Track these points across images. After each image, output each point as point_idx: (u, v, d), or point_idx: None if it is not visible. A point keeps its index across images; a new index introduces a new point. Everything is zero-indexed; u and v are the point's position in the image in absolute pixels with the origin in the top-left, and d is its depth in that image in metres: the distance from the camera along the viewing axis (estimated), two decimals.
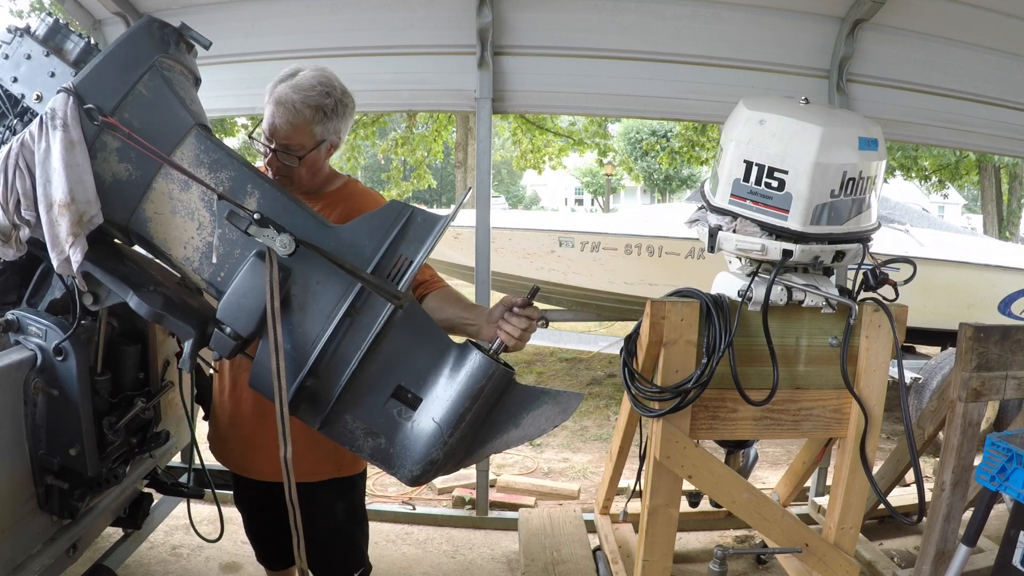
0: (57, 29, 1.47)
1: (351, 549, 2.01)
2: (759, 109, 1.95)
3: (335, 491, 1.91)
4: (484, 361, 1.40)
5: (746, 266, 2.06)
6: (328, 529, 1.94)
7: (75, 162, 1.31)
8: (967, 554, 1.96)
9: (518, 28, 3.17)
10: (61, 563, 1.78)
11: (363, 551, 2.05)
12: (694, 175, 23.88)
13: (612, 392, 6.13)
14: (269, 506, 1.89)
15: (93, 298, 1.53)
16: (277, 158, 1.73)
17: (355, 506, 2.01)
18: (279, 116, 1.70)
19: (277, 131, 1.71)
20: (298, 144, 1.73)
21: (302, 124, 1.71)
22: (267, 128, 1.73)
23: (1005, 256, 5.93)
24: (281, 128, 1.71)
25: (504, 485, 3.86)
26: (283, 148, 1.73)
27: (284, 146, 1.72)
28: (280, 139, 1.72)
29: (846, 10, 3.12)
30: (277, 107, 1.70)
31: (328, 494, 1.90)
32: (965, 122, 3.43)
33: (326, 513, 1.92)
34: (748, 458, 2.52)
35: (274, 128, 1.71)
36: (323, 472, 1.86)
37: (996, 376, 2.23)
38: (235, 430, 1.89)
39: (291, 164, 1.74)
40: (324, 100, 1.73)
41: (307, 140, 1.73)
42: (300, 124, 1.71)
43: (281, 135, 1.71)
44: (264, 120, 1.74)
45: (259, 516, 2.05)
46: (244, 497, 2.06)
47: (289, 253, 1.33)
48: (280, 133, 1.71)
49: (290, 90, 1.70)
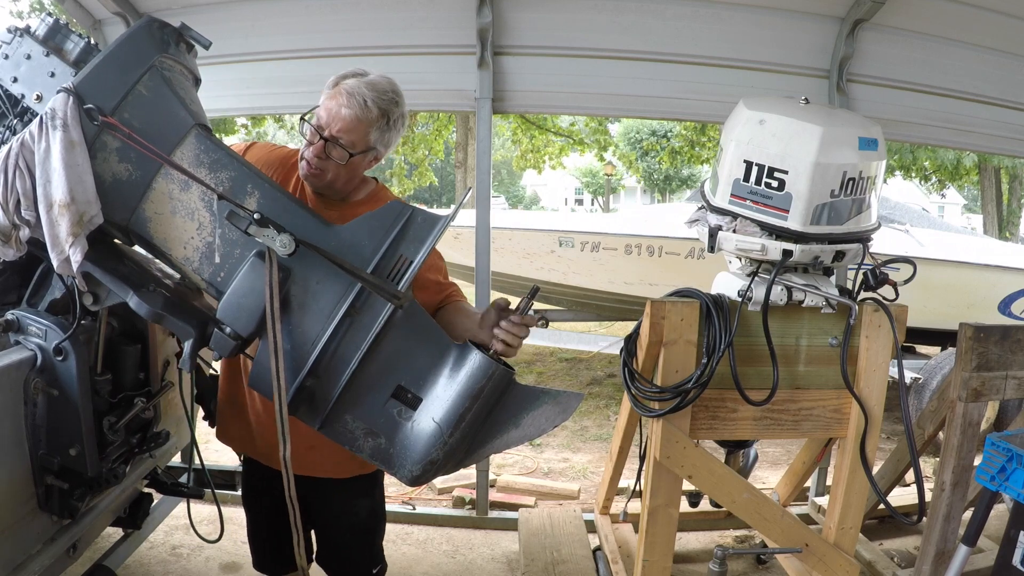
0: (57, 29, 1.47)
1: (371, 547, 2.01)
2: (759, 109, 1.95)
3: (359, 489, 1.90)
4: (484, 361, 1.40)
5: (746, 266, 2.06)
6: (351, 527, 1.94)
7: (75, 162, 1.31)
8: (967, 554, 1.96)
9: (518, 28, 3.17)
10: (61, 563, 1.79)
11: (381, 548, 2.05)
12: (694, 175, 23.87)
13: (612, 392, 6.13)
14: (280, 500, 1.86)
15: (93, 298, 1.53)
16: (325, 148, 1.65)
17: (377, 504, 2.00)
18: (347, 106, 1.62)
19: (337, 121, 1.63)
20: (350, 141, 1.65)
21: (365, 123, 1.64)
22: (325, 115, 1.64)
23: (1005, 256, 5.93)
24: (345, 119, 1.63)
25: (504, 485, 3.86)
26: (335, 140, 1.64)
27: (336, 139, 1.64)
28: (336, 131, 1.63)
29: (846, 10, 3.12)
30: (347, 98, 1.62)
31: (352, 491, 1.89)
32: (965, 122, 3.43)
33: (349, 511, 1.92)
34: (748, 458, 2.52)
35: (335, 117, 1.63)
36: (349, 469, 1.84)
37: (996, 376, 2.23)
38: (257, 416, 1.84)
39: (339, 160, 1.66)
40: (393, 108, 1.69)
41: (361, 141, 1.66)
42: (364, 121, 1.64)
43: (339, 127, 1.63)
44: (322, 108, 1.66)
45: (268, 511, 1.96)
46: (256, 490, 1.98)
47: (289, 253, 1.33)
48: (339, 125, 1.63)
49: (364, 86, 1.64)
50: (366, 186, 1.84)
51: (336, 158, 1.66)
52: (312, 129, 1.66)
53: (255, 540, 2.05)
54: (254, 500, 2.02)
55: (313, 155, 1.66)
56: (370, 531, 2.00)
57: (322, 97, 1.69)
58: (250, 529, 2.06)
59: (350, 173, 1.72)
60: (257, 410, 1.85)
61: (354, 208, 1.75)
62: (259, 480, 1.97)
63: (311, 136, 1.67)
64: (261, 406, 1.83)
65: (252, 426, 1.88)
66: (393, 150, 1.83)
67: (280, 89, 3.33)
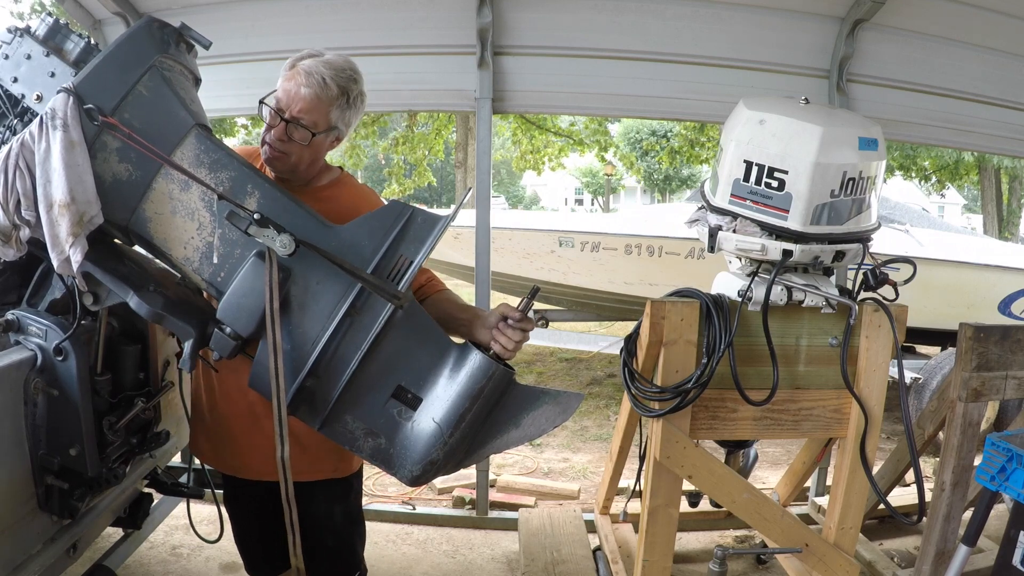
0: (57, 29, 1.47)
1: (349, 553, 1.99)
2: (759, 109, 1.95)
3: (333, 494, 1.89)
4: (484, 361, 1.40)
5: (746, 266, 2.06)
6: (326, 532, 1.92)
7: (75, 162, 1.31)
8: (967, 554, 1.96)
9: (518, 28, 3.16)
10: (61, 563, 1.79)
11: (360, 554, 2.03)
12: (694, 175, 23.88)
13: (612, 392, 6.13)
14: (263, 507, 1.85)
15: (93, 298, 1.53)
16: (286, 130, 1.63)
17: (352, 508, 1.98)
18: (306, 85, 1.61)
19: (296, 101, 1.61)
20: (312, 121, 1.63)
21: (325, 101, 1.63)
22: (284, 97, 1.63)
23: (1005, 256, 5.92)
24: (305, 99, 1.61)
25: (504, 485, 3.86)
26: (296, 121, 1.63)
27: (297, 119, 1.63)
28: (297, 111, 1.62)
29: (846, 10, 3.12)
30: (306, 77, 1.61)
31: (326, 497, 1.88)
32: (965, 122, 3.43)
33: (324, 515, 1.90)
34: (748, 458, 2.52)
35: (294, 97, 1.61)
36: (321, 471, 1.83)
37: (996, 376, 2.23)
38: (226, 431, 1.84)
39: (301, 141, 1.64)
40: (351, 85, 1.67)
41: (322, 120, 1.64)
42: (324, 100, 1.62)
43: (299, 107, 1.62)
44: (280, 90, 1.64)
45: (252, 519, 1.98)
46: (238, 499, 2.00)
47: (289, 253, 1.33)
48: (299, 105, 1.61)
49: (321, 65, 1.63)
50: (330, 172, 1.83)
51: (298, 139, 1.64)
52: (272, 111, 1.63)
53: (243, 544, 2.05)
54: (235, 507, 2.02)
55: (275, 137, 1.64)
56: (347, 537, 1.97)
57: (279, 80, 1.67)
58: (236, 533, 2.04)
59: (313, 154, 1.70)
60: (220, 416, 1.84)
61: (317, 193, 1.74)
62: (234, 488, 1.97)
63: (271, 119, 1.64)
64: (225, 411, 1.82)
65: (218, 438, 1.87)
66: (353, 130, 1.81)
67: None
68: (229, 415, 1.82)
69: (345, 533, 1.96)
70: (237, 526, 2.04)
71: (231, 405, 1.81)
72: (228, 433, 1.84)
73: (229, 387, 1.78)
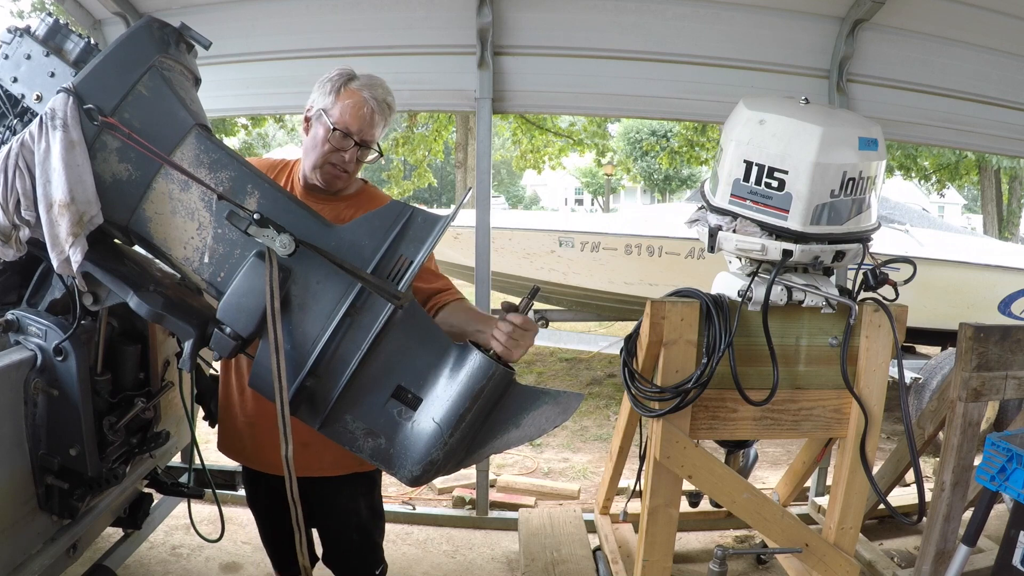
0: (57, 29, 1.47)
1: (373, 547, 2.02)
2: (759, 109, 1.95)
3: (358, 488, 1.92)
4: (484, 361, 1.40)
5: (746, 266, 2.06)
6: (352, 527, 1.95)
7: (75, 162, 1.31)
8: (967, 554, 1.96)
9: (518, 28, 3.17)
10: (61, 563, 1.78)
11: (381, 548, 2.06)
12: (694, 175, 23.87)
13: (612, 392, 6.13)
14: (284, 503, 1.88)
15: (93, 298, 1.53)
16: (356, 152, 1.75)
17: (376, 503, 2.02)
18: (378, 113, 1.73)
19: (369, 127, 1.73)
20: (373, 140, 1.77)
21: (382, 122, 1.76)
22: (354, 121, 1.72)
23: (1005, 256, 5.92)
24: (377, 125, 1.74)
25: (504, 485, 3.86)
26: (367, 145, 1.75)
27: (368, 143, 1.76)
28: (364, 136, 1.74)
29: (846, 10, 3.12)
30: (376, 104, 1.73)
31: (351, 491, 1.91)
32: (965, 122, 3.43)
33: (350, 511, 1.93)
34: (748, 458, 2.52)
35: (366, 122, 1.72)
36: (347, 466, 1.85)
37: (996, 376, 2.23)
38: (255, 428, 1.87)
39: (365, 161, 1.79)
40: (393, 104, 1.80)
41: (377, 138, 1.78)
42: (382, 121, 1.76)
43: (367, 132, 1.74)
44: (346, 114, 1.72)
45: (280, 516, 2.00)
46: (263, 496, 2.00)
47: (289, 253, 1.33)
48: (372, 130, 1.74)
49: (379, 90, 1.74)
50: (356, 180, 1.91)
51: (366, 160, 1.79)
52: (339, 135, 1.72)
53: (268, 543, 2.08)
54: (257, 504, 2.04)
55: (348, 160, 1.75)
56: (371, 530, 2.01)
57: (323, 100, 1.73)
58: (261, 532, 2.08)
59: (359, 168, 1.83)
60: (248, 413, 1.87)
61: (345, 202, 1.83)
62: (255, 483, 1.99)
63: (341, 143, 1.72)
64: (252, 409, 1.85)
65: (242, 431, 1.90)
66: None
67: (280, 89, 3.33)
68: (256, 413, 1.84)
69: (369, 528, 1.99)
70: (264, 525, 2.07)
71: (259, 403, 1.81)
72: (256, 431, 1.86)
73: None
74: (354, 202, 1.84)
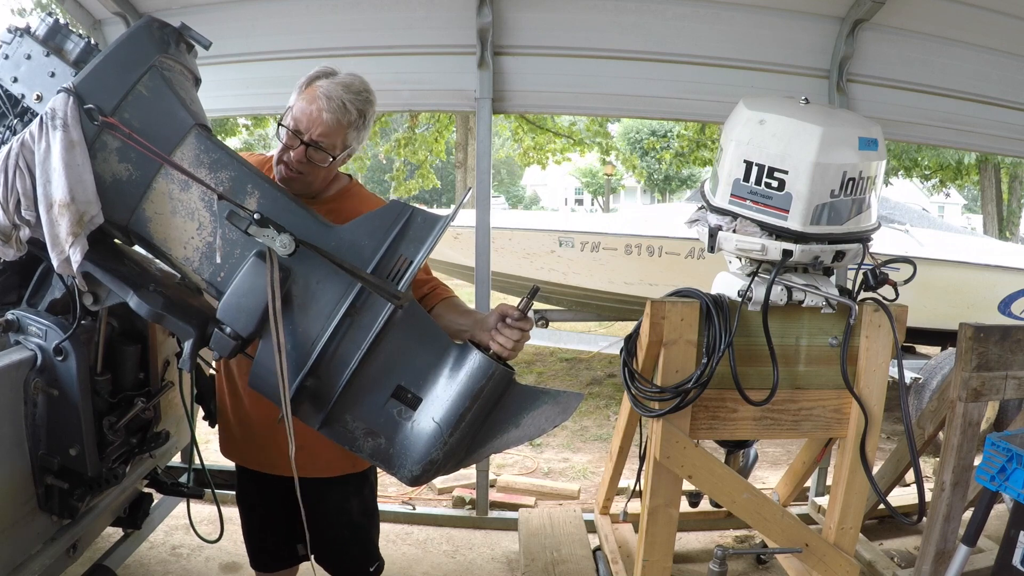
0: (57, 29, 1.47)
1: (366, 544, 2.02)
2: (759, 109, 1.95)
3: (350, 487, 1.92)
4: (484, 361, 1.40)
5: (746, 266, 2.06)
6: (343, 525, 1.95)
7: (75, 162, 1.31)
8: (967, 554, 1.96)
9: (518, 28, 3.17)
10: (61, 563, 1.78)
11: (376, 546, 2.06)
12: (694, 175, 23.86)
13: (612, 392, 6.13)
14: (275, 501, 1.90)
15: (93, 298, 1.53)
16: (306, 153, 1.66)
17: (368, 501, 2.02)
18: (327, 110, 1.64)
19: (317, 125, 1.64)
20: (331, 144, 1.67)
21: (344, 125, 1.67)
22: (304, 119, 1.65)
23: (1005, 256, 5.92)
24: (326, 123, 1.64)
25: (504, 485, 3.86)
26: (315, 144, 1.66)
27: (317, 143, 1.66)
28: (317, 135, 1.65)
29: (846, 10, 3.12)
30: (326, 101, 1.64)
31: (343, 490, 1.91)
32: (965, 122, 3.43)
33: (341, 509, 1.93)
34: (748, 458, 2.52)
35: (315, 122, 1.64)
36: (339, 467, 1.86)
37: (996, 376, 2.23)
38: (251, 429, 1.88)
39: (320, 163, 1.68)
40: (366, 107, 1.70)
41: (340, 143, 1.69)
42: (343, 124, 1.66)
43: (320, 131, 1.65)
44: (298, 111, 1.66)
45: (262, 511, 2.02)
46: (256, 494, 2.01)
47: (289, 253, 1.33)
48: (319, 129, 1.65)
49: (340, 88, 1.66)
50: (338, 182, 1.87)
51: (317, 161, 1.68)
52: (289, 133, 1.67)
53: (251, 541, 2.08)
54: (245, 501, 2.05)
55: (295, 159, 1.67)
56: (363, 529, 2.01)
57: (293, 97, 1.70)
58: (245, 529, 2.08)
59: (328, 173, 1.75)
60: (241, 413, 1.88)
61: (326, 204, 1.78)
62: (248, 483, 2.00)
63: (289, 140, 1.67)
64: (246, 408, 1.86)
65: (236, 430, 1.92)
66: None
67: (280, 89, 3.28)
68: (254, 414, 1.85)
69: (362, 525, 2.00)
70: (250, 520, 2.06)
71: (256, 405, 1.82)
72: (253, 431, 1.88)
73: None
74: (336, 203, 1.79)
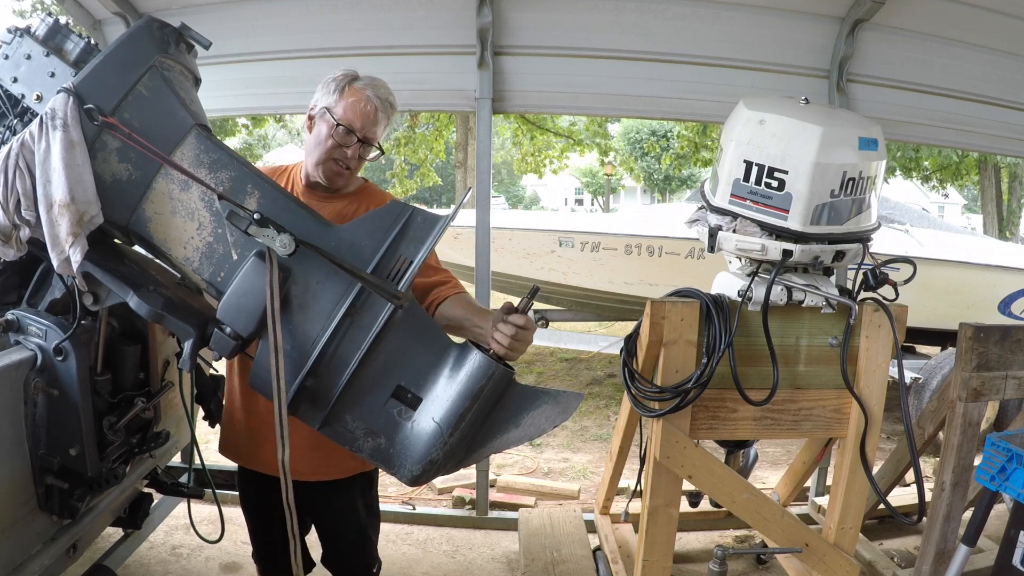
0: (57, 29, 1.47)
1: (370, 545, 2.03)
2: (759, 109, 1.95)
3: (358, 487, 1.93)
4: (484, 361, 1.40)
5: (746, 266, 2.06)
6: (351, 527, 1.95)
7: (75, 162, 1.31)
8: (967, 554, 1.96)
9: (518, 28, 3.17)
10: (61, 563, 1.78)
11: (376, 546, 2.07)
12: (694, 175, 23.85)
13: (612, 392, 6.13)
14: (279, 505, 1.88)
15: (93, 298, 1.53)
16: (358, 149, 1.77)
17: (373, 501, 2.03)
18: (380, 109, 1.76)
19: (371, 123, 1.76)
20: (375, 138, 1.79)
21: (384, 120, 1.79)
22: (357, 118, 1.74)
23: (1005, 256, 5.92)
24: (379, 122, 1.77)
25: (504, 485, 3.86)
26: (369, 141, 1.78)
27: (371, 140, 1.78)
28: (366, 133, 1.76)
29: (846, 10, 3.12)
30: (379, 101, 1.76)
31: (351, 492, 1.91)
32: (965, 122, 3.43)
33: (350, 509, 1.93)
34: (748, 458, 2.52)
35: (368, 119, 1.75)
36: (351, 468, 1.86)
37: (996, 376, 2.23)
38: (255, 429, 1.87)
39: (367, 157, 1.81)
40: (395, 104, 1.83)
41: (379, 136, 1.81)
42: (384, 119, 1.79)
43: (369, 129, 1.76)
44: (349, 111, 1.74)
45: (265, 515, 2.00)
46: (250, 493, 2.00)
47: (289, 253, 1.33)
48: (374, 128, 1.77)
49: (381, 89, 1.78)
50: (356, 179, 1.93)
51: (366, 156, 1.81)
52: (344, 131, 1.74)
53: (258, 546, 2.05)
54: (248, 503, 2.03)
55: (351, 156, 1.77)
56: (368, 528, 2.02)
57: (331, 99, 1.76)
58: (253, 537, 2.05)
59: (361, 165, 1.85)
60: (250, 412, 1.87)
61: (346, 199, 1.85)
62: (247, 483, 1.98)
63: (343, 139, 1.74)
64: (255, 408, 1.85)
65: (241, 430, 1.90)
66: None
67: (280, 89, 3.33)
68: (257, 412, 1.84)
69: (366, 526, 2.00)
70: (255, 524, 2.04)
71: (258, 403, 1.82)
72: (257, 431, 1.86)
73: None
74: (355, 199, 1.86)
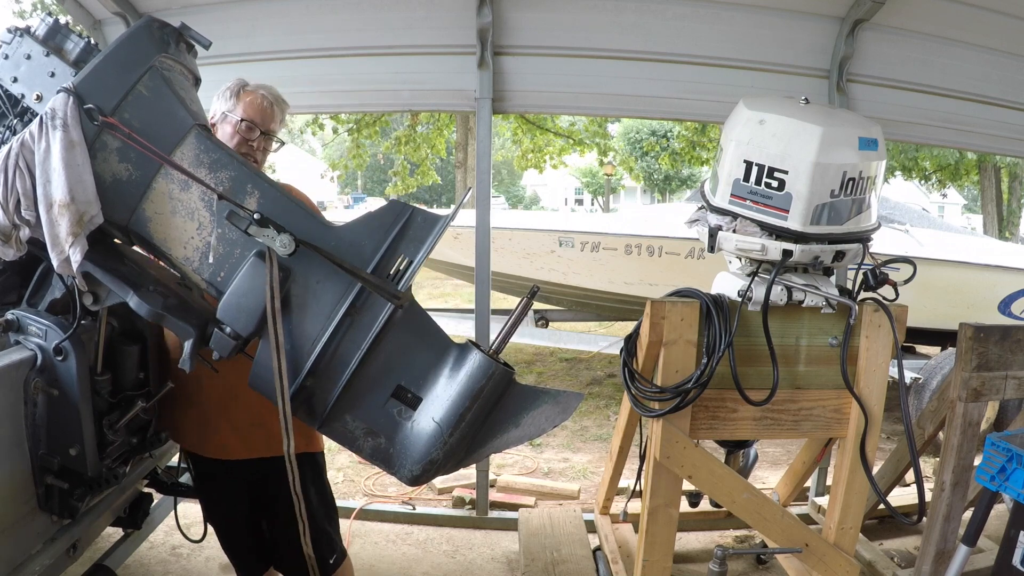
0: (57, 29, 1.47)
1: (321, 533, 2.03)
2: (759, 109, 1.95)
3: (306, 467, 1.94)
4: (484, 361, 1.40)
5: (746, 266, 2.06)
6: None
7: (75, 162, 1.31)
8: (967, 554, 1.96)
9: (518, 28, 3.17)
10: (61, 563, 1.78)
11: (335, 537, 2.09)
12: (694, 175, 23.87)
13: (612, 392, 6.13)
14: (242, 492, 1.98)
15: (93, 298, 1.52)
16: (262, 142, 1.95)
17: (325, 489, 2.08)
18: (276, 104, 1.98)
19: (269, 117, 1.96)
20: (275, 131, 1.99)
21: (279, 114, 2.00)
22: (257, 115, 1.94)
23: (1005, 256, 5.92)
24: (275, 115, 1.97)
25: (504, 485, 3.86)
26: (272, 134, 1.97)
27: (273, 132, 1.97)
28: (267, 125, 1.96)
29: (846, 10, 3.12)
30: (273, 98, 1.97)
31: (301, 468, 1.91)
32: (965, 122, 3.43)
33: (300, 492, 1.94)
34: (748, 458, 2.52)
35: (268, 115, 1.95)
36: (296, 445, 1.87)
37: (996, 376, 2.23)
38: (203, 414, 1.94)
39: (272, 150, 2.00)
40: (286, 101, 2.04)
41: (277, 130, 2.01)
42: (280, 114, 2.00)
43: (269, 122, 1.96)
44: (250, 110, 1.93)
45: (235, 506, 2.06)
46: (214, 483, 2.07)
47: (289, 253, 1.33)
48: (269, 120, 1.96)
49: (269, 88, 2.00)
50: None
51: (273, 148, 2.02)
52: (247, 127, 1.92)
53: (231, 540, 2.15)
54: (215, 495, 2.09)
55: (258, 148, 1.94)
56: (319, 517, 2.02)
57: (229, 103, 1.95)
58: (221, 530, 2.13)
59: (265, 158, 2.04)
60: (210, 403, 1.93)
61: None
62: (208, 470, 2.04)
63: (248, 133, 1.92)
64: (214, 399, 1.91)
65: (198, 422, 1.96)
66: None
67: (280, 89, 3.32)
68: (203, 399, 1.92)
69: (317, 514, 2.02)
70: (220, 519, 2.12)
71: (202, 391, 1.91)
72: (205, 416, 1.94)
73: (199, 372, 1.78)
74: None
